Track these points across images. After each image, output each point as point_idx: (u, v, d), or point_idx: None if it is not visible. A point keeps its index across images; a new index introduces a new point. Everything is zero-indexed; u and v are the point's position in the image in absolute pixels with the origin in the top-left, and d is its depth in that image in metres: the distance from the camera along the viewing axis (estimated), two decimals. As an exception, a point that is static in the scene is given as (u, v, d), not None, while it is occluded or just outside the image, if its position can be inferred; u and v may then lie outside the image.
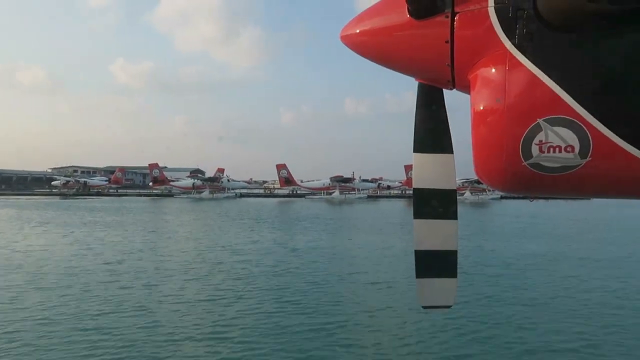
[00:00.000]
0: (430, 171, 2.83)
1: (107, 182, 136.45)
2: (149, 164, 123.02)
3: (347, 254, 28.57)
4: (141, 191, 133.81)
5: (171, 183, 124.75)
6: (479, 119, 2.32)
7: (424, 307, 3.06)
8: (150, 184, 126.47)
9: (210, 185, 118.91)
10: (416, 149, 2.82)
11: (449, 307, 3.02)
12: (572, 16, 1.99)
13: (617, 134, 2.05)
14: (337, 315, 15.24)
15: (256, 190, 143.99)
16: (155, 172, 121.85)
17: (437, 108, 2.76)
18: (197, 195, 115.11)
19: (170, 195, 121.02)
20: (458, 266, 2.93)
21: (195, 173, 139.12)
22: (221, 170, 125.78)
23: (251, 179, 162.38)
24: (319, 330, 13.65)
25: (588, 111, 2.06)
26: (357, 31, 2.77)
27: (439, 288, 2.96)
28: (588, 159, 2.10)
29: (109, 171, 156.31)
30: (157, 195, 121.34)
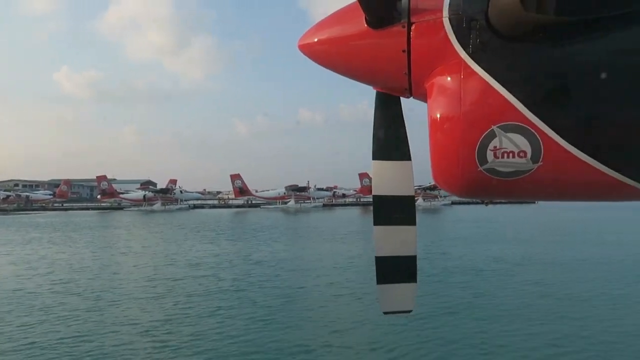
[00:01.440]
0: (389, 178, 2.86)
1: (51, 196, 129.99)
2: (97, 176, 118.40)
3: (307, 265, 28.39)
4: (89, 205, 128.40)
5: (121, 195, 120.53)
6: (436, 126, 2.38)
7: (385, 313, 3.09)
8: (99, 197, 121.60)
9: (162, 197, 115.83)
10: (375, 157, 2.85)
11: (409, 311, 3.05)
12: (521, 26, 2.08)
13: (566, 140, 2.15)
14: (302, 328, 15.16)
15: (210, 201, 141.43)
16: (104, 185, 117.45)
17: (395, 116, 2.80)
18: (149, 208, 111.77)
19: (119, 208, 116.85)
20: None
21: (147, 185, 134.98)
22: (173, 182, 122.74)
23: (205, 189, 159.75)
24: (282, 345, 13.48)
25: (539, 118, 2.15)
26: (315, 40, 2.79)
27: (400, 293, 2.99)
28: (539, 163, 2.20)
29: (53, 184, 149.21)
30: (105, 208, 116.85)
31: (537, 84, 2.18)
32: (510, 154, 2.21)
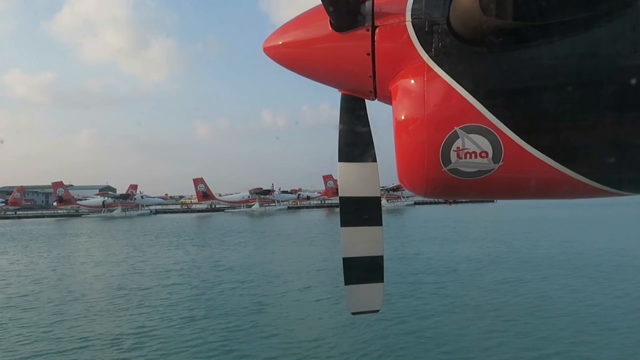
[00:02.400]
0: (355, 180, 2.90)
1: (3, 204, 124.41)
2: (53, 183, 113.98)
3: (275, 269, 28.13)
4: (44, 212, 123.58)
5: (78, 202, 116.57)
6: (400, 128, 2.42)
7: (353, 314, 3.11)
8: (55, 204, 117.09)
9: (122, 202, 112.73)
10: (341, 159, 2.88)
11: (377, 311, 3.09)
12: (481, 31, 2.14)
13: (524, 140, 2.23)
14: (272, 334, 15.02)
15: (172, 205, 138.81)
16: (60, 191, 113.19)
17: (360, 118, 2.84)
18: (108, 214, 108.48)
19: (77, 215, 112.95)
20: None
21: (105, 190, 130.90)
22: (134, 187, 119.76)
23: (167, 194, 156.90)
24: (254, 352, 13.34)
25: (498, 119, 2.22)
26: (280, 43, 2.79)
27: (367, 293, 3.02)
28: (500, 163, 2.27)
29: (5, 192, 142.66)
30: (62, 215, 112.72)
31: (497, 86, 2.25)
32: (473, 155, 2.27)
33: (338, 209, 3.00)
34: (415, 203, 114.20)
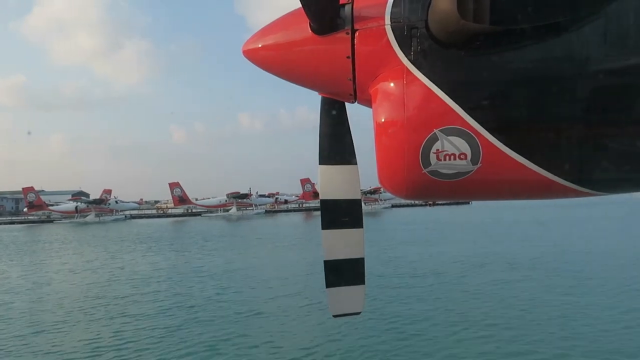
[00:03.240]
0: (335, 182, 2.90)
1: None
2: (23, 188, 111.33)
3: (256, 274, 27.88)
4: (14, 218, 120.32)
5: (50, 207, 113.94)
6: (381, 130, 2.43)
7: (335, 316, 3.12)
8: (25, 210, 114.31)
9: (96, 207, 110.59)
10: (321, 161, 2.88)
11: (358, 313, 3.10)
12: (459, 35, 2.18)
13: (502, 142, 2.27)
14: (254, 339, 14.91)
15: (148, 210, 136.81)
16: (31, 197, 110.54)
17: (340, 121, 2.85)
18: (81, 220, 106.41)
19: (49, 221, 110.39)
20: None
21: (78, 196, 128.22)
22: (108, 192, 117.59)
23: (142, 199, 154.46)
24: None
25: (477, 121, 2.26)
26: (260, 46, 2.78)
27: (349, 296, 3.03)
28: (479, 165, 2.30)
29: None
30: (33, 222, 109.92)
31: (475, 89, 2.29)
32: (452, 157, 2.29)
33: (316, 213, 3.00)
34: (393, 205, 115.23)
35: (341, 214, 2.91)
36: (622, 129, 2.24)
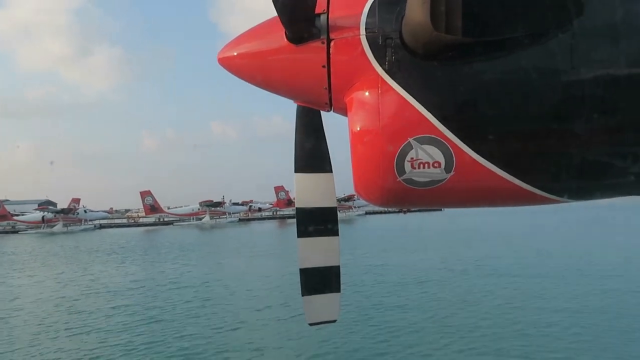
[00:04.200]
0: (311, 190, 2.91)
1: None
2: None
3: (231, 284, 27.49)
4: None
5: (15, 218, 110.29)
6: (356, 139, 2.46)
7: (311, 324, 3.11)
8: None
9: (63, 217, 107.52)
10: (297, 169, 2.89)
11: (334, 321, 3.10)
12: (432, 46, 2.22)
13: (474, 151, 2.32)
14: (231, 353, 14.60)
15: (118, 220, 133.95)
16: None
17: (315, 129, 2.86)
18: (48, 230, 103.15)
19: (14, 231, 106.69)
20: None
21: (45, 205, 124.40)
22: (76, 201, 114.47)
23: (112, 208, 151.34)
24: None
25: (450, 130, 2.30)
26: (235, 54, 2.78)
27: (325, 304, 3.03)
28: (452, 173, 2.35)
29: None
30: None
31: (448, 98, 2.34)
32: (426, 165, 2.33)
33: (290, 220, 3.00)
34: (366, 213, 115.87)
35: (317, 221, 2.92)
36: (588, 139, 2.31)
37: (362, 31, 2.42)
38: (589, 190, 2.54)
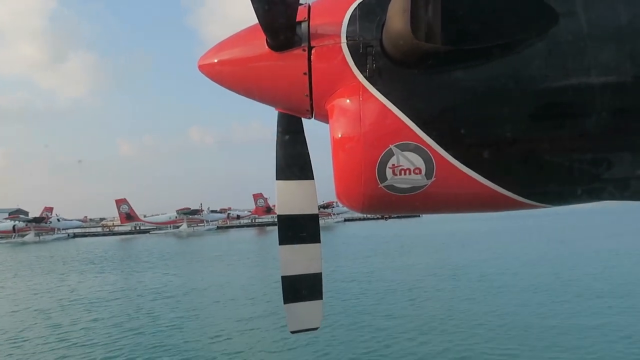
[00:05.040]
0: (293, 197, 2.90)
1: None
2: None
3: (210, 294, 27.06)
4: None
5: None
6: (338, 146, 2.47)
7: (293, 332, 3.09)
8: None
9: (35, 226, 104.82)
10: (278, 177, 2.88)
11: (316, 328, 3.08)
12: (413, 54, 2.25)
13: (454, 157, 2.35)
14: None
15: (93, 228, 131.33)
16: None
17: (297, 136, 2.86)
18: (20, 239, 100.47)
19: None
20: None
21: (16, 214, 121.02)
22: (49, 209, 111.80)
23: (86, 216, 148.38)
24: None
25: (430, 137, 2.34)
26: (216, 60, 2.77)
27: (306, 311, 3.01)
28: (433, 179, 2.37)
29: None
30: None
31: (428, 106, 2.37)
32: (407, 171, 2.36)
33: (269, 228, 2.99)
34: (346, 220, 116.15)
35: (298, 229, 2.91)
36: (566, 145, 2.37)
37: (343, 39, 2.44)
38: (565, 195, 2.60)
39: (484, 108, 2.34)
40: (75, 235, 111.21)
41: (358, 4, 2.46)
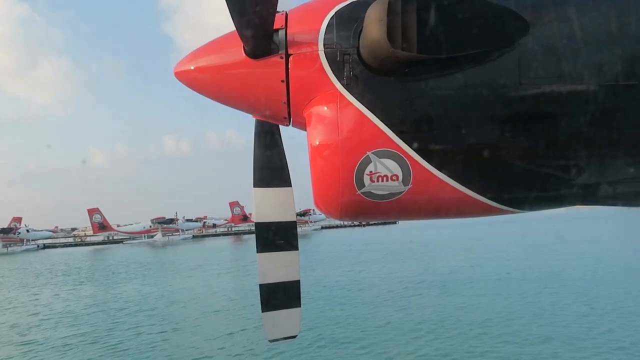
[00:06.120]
0: (270, 205, 2.90)
1: None
2: None
3: (187, 305, 26.58)
4: None
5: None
6: (315, 153, 2.48)
7: (271, 341, 3.07)
8: None
9: (3, 237, 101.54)
10: (256, 184, 2.87)
11: (294, 337, 3.07)
12: (389, 62, 2.28)
13: (430, 164, 2.39)
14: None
15: (64, 239, 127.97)
16: None
17: (274, 144, 2.86)
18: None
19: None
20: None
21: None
22: (17, 220, 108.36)
23: (56, 227, 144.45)
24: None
25: (407, 144, 2.37)
26: (192, 67, 2.75)
27: (285, 319, 3.00)
28: (409, 186, 2.40)
29: None
30: None
31: (404, 113, 2.40)
32: (385, 178, 2.38)
33: (246, 236, 2.97)
34: (323, 227, 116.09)
35: (276, 236, 2.90)
36: (538, 152, 2.43)
37: (321, 47, 2.46)
38: (538, 201, 2.66)
39: (458, 115, 2.38)
40: (45, 246, 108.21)
41: (335, 13, 2.49)
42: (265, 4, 2.20)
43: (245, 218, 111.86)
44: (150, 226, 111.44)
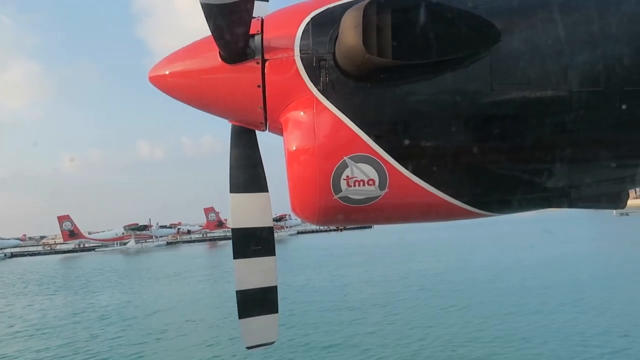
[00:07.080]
0: (247, 210, 2.87)
1: None
2: None
3: (162, 314, 26.09)
4: None
5: None
6: (292, 158, 2.48)
7: (248, 348, 3.04)
8: None
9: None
10: (232, 190, 2.84)
11: (272, 343, 3.05)
12: (365, 68, 2.31)
13: (406, 168, 2.42)
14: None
15: (32, 247, 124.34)
16: None
17: (250, 149, 2.84)
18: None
19: None
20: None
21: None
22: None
23: (24, 235, 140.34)
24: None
25: (383, 148, 2.39)
26: (167, 72, 2.72)
27: (262, 326, 2.96)
28: (386, 190, 2.42)
29: None
30: None
31: (380, 118, 2.42)
32: (361, 183, 2.40)
33: (221, 242, 2.93)
34: (299, 232, 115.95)
35: (253, 242, 2.87)
36: (510, 156, 2.49)
37: (297, 52, 2.46)
38: (511, 204, 2.71)
39: (433, 120, 2.42)
40: (12, 255, 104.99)
41: (311, 19, 2.50)
42: (241, 10, 2.19)
43: (220, 224, 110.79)
44: (123, 233, 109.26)
